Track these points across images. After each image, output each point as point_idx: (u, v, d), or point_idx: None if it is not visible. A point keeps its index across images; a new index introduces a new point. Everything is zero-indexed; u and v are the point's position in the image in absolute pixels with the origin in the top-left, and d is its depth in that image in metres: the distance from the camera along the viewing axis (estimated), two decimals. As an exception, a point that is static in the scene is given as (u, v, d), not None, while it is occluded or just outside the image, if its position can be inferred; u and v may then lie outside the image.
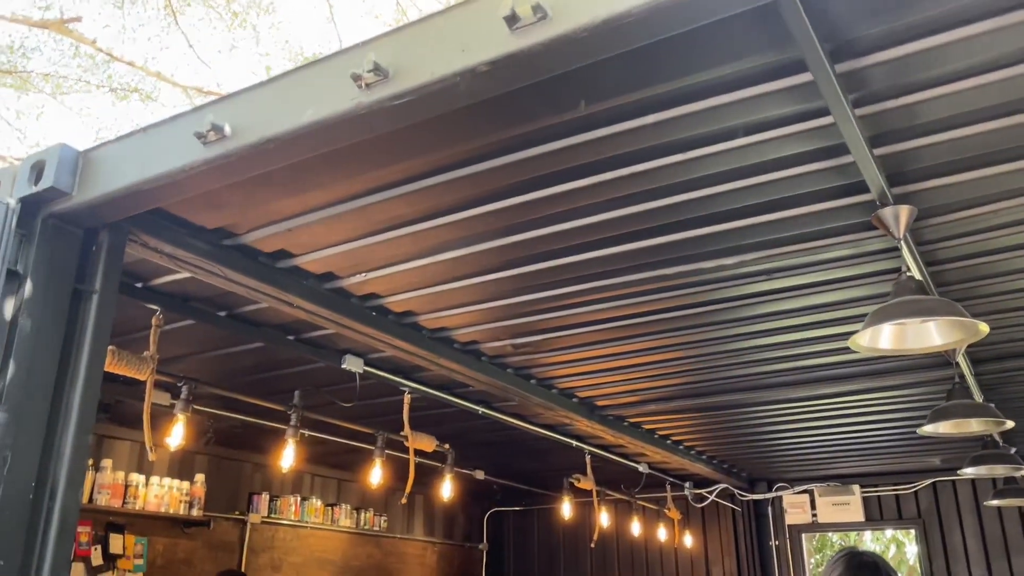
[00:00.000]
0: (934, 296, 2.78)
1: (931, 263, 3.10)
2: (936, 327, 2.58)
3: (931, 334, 2.59)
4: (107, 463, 5.16)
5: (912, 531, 7.71)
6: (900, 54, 2.02)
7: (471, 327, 3.84)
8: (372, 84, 1.81)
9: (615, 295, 3.43)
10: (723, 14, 1.59)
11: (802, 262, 3.06)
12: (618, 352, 4.18)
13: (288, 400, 4.50)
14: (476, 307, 3.58)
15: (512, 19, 1.62)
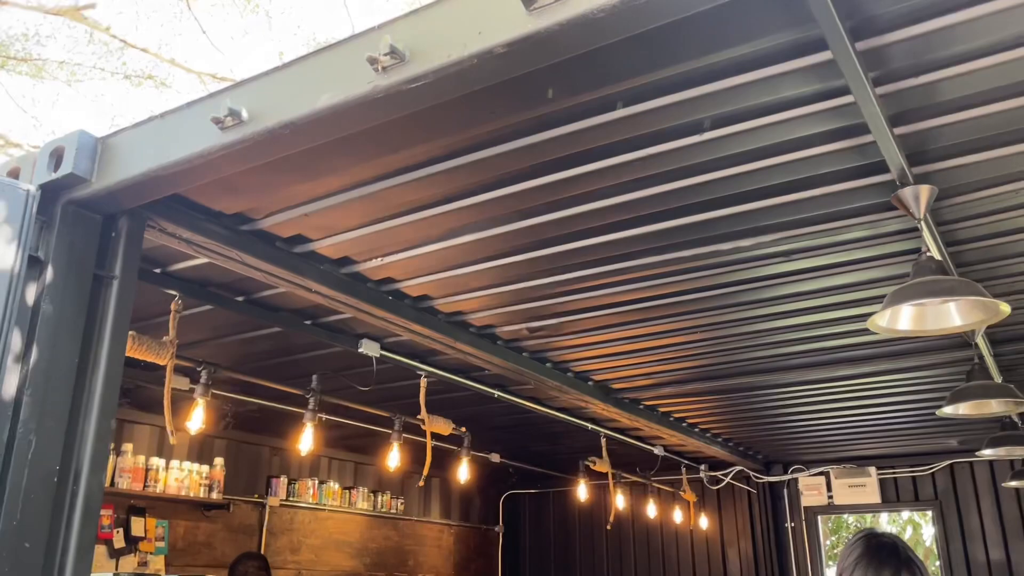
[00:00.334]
0: (954, 276, 2.76)
1: (951, 243, 3.07)
2: (956, 308, 2.56)
3: (951, 315, 2.57)
4: (128, 447, 5.22)
5: (929, 512, 7.70)
6: (921, 31, 2.00)
7: (487, 311, 3.84)
8: (389, 67, 1.81)
9: (631, 278, 3.43)
10: (742, -8, 1.57)
11: (820, 243, 3.04)
12: (634, 335, 4.18)
13: (305, 384, 4.53)
14: (492, 291, 3.58)
15: (529, 0, 1.61)
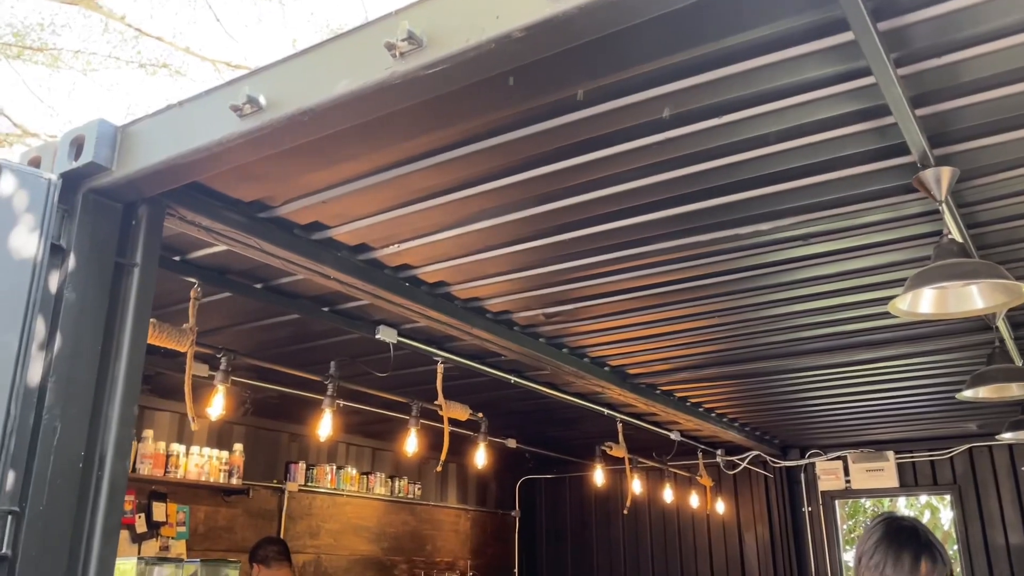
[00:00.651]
0: (976, 259, 2.73)
1: (972, 225, 3.04)
2: (978, 290, 2.54)
3: (973, 297, 2.55)
4: (148, 433, 5.27)
5: (947, 497, 7.67)
6: (943, 11, 1.97)
7: (503, 297, 3.84)
8: (406, 53, 1.80)
9: (648, 263, 3.42)
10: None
11: (840, 226, 3.02)
12: (651, 320, 4.17)
13: (324, 371, 4.56)
14: (508, 277, 3.58)
15: (547, -17, 1.60)
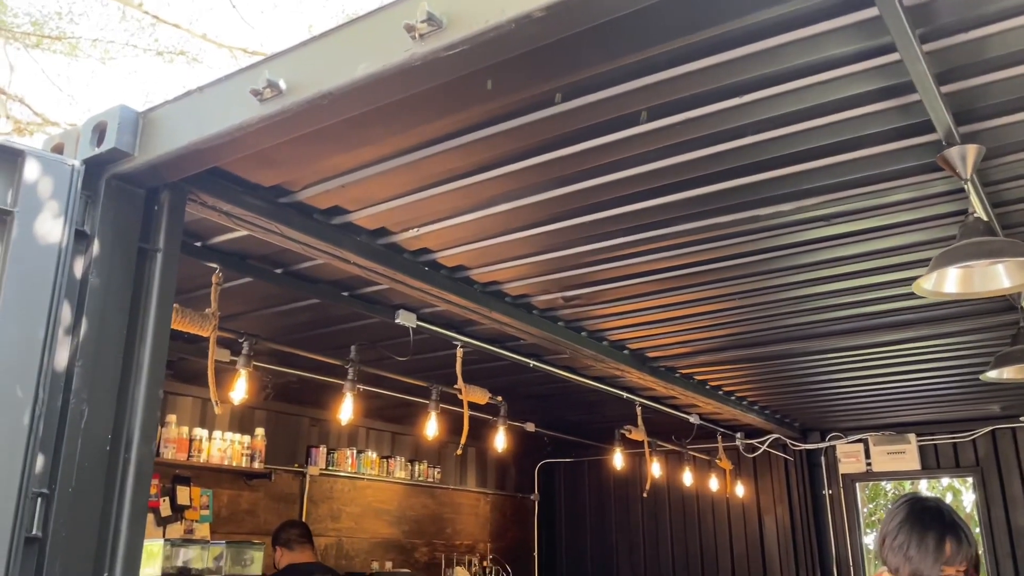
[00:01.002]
0: (1001, 237, 2.70)
1: (998, 204, 2.99)
2: (1004, 269, 2.51)
3: (999, 276, 2.53)
4: (171, 418, 5.33)
5: (970, 479, 7.61)
6: (971, -15, 1.94)
7: (522, 280, 3.84)
8: (426, 35, 1.80)
9: (668, 245, 3.40)
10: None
11: (863, 206, 2.99)
12: (670, 303, 4.16)
13: (343, 355, 4.59)
14: (527, 260, 3.58)
15: (568, -39, 1.59)
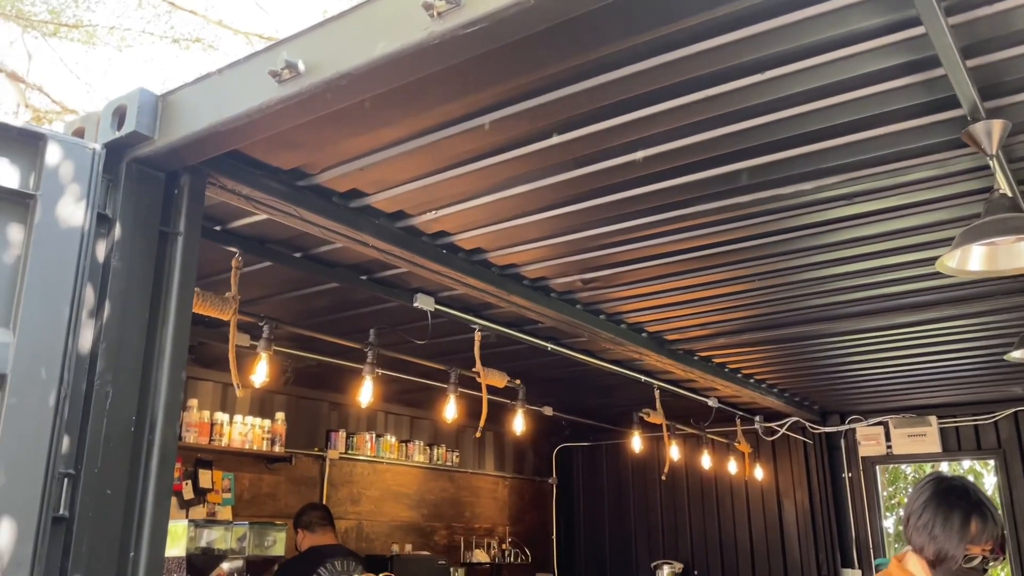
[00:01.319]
0: (1028, 215, 2.66)
1: None
2: (1030, 247, 2.47)
3: (1024, 254, 2.49)
4: (193, 403, 5.38)
5: (991, 462, 7.56)
6: (998, -45, 1.90)
7: (540, 263, 3.84)
8: (444, 12, 1.78)
9: (687, 225, 3.38)
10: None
11: (885, 184, 2.95)
12: (689, 285, 4.14)
13: (362, 340, 4.60)
14: (545, 242, 3.57)
15: (588, -65, 1.57)
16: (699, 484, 8.42)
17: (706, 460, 7.51)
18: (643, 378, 5.93)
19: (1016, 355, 3.58)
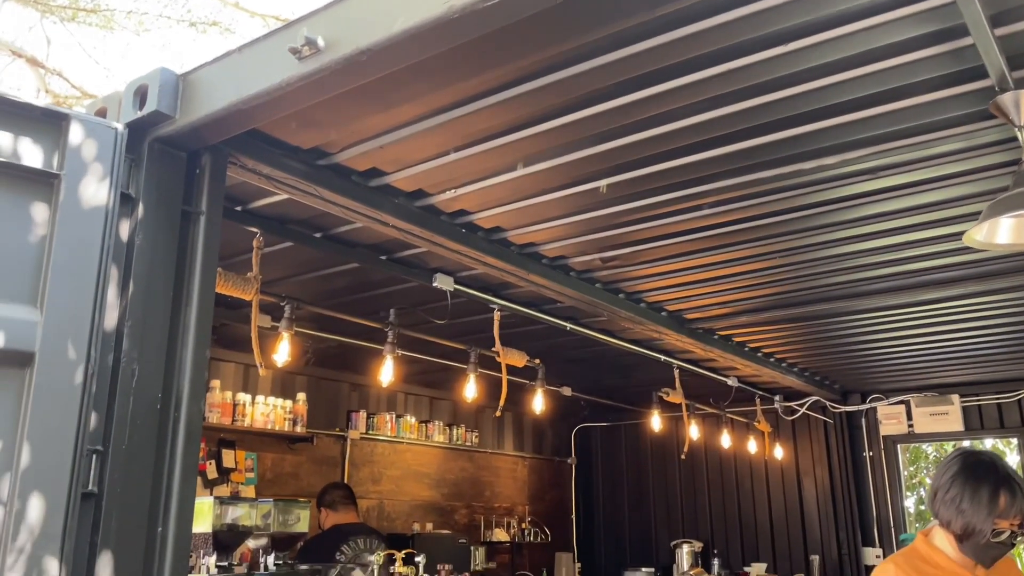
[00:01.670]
0: (1056, 188, 2.61)
1: (1052, 154, 2.90)
2: (1060, 220, 2.43)
3: (1053, 227, 2.45)
4: (215, 383, 5.43)
5: (1014, 440, 7.50)
6: (1029, -81, 1.86)
7: (560, 241, 3.82)
8: (464, -15, 1.77)
9: (708, 202, 3.35)
10: None
11: (910, 158, 2.91)
12: (710, 263, 4.11)
13: (382, 320, 4.62)
14: (565, 220, 3.56)
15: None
16: (718, 463, 8.41)
17: (725, 440, 7.50)
18: (662, 358, 5.91)
19: (1042, 331, 3.54)
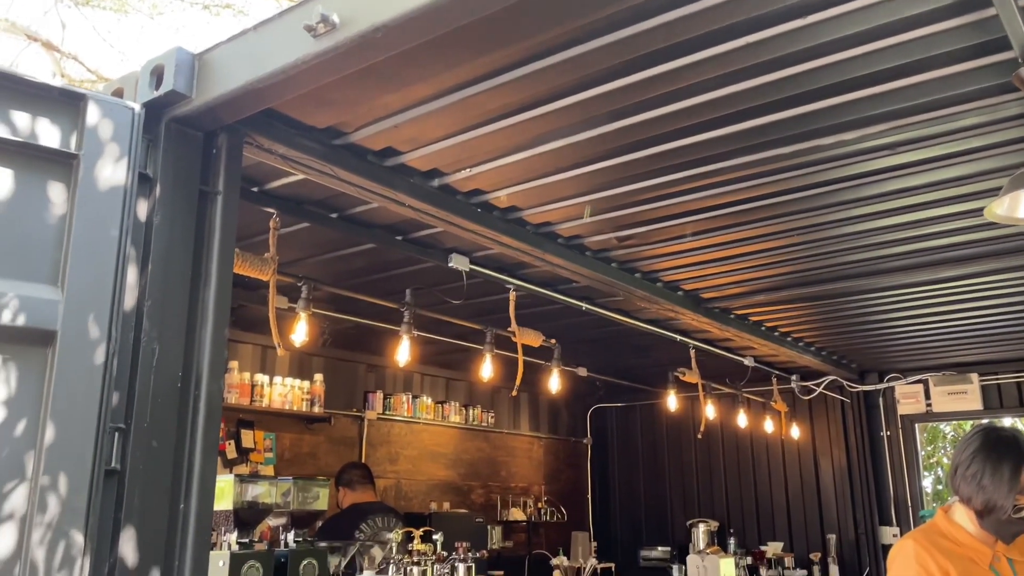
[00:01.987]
0: (1080, 161, 2.58)
1: (1076, 126, 2.86)
2: (1083, 193, 2.40)
3: (1077, 201, 2.42)
4: (234, 364, 5.47)
5: (1034, 420, 7.45)
6: None
7: (575, 220, 3.81)
8: (480, -41, 1.76)
9: (725, 179, 3.33)
10: None
11: (931, 133, 2.87)
12: (727, 241, 4.09)
13: (398, 301, 4.63)
14: (581, 199, 3.54)
15: None
16: (735, 443, 8.41)
17: (742, 419, 7.49)
18: (678, 337, 5.90)
19: (1064, 308, 3.50)
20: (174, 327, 2.26)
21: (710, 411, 6.80)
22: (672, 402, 6.59)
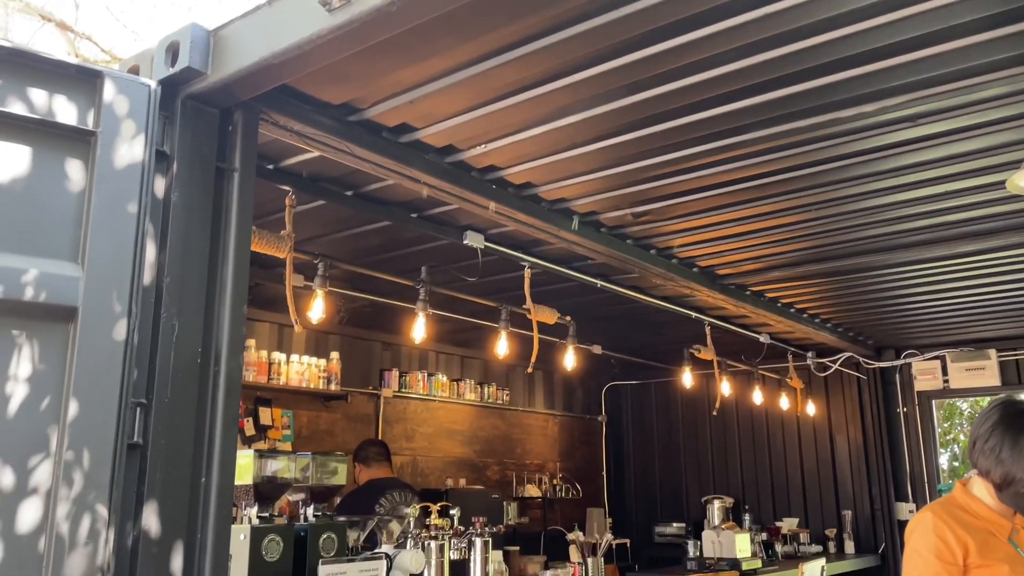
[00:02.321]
0: (1105, 132, 2.54)
1: (1101, 97, 2.81)
2: (1107, 164, 2.37)
3: (1101, 172, 2.39)
4: (251, 343, 5.51)
5: (1053, 396, 7.39)
6: None
7: (590, 196, 3.80)
8: (495, -70, 1.74)
9: (742, 154, 3.30)
10: None
11: (951, 104, 2.83)
12: (743, 216, 4.07)
13: (414, 278, 4.65)
14: (595, 175, 3.53)
15: None
16: (750, 420, 8.41)
17: (757, 396, 7.48)
18: (693, 314, 5.89)
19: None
20: (193, 304, 2.28)
21: (725, 388, 6.79)
22: (687, 379, 6.59)
